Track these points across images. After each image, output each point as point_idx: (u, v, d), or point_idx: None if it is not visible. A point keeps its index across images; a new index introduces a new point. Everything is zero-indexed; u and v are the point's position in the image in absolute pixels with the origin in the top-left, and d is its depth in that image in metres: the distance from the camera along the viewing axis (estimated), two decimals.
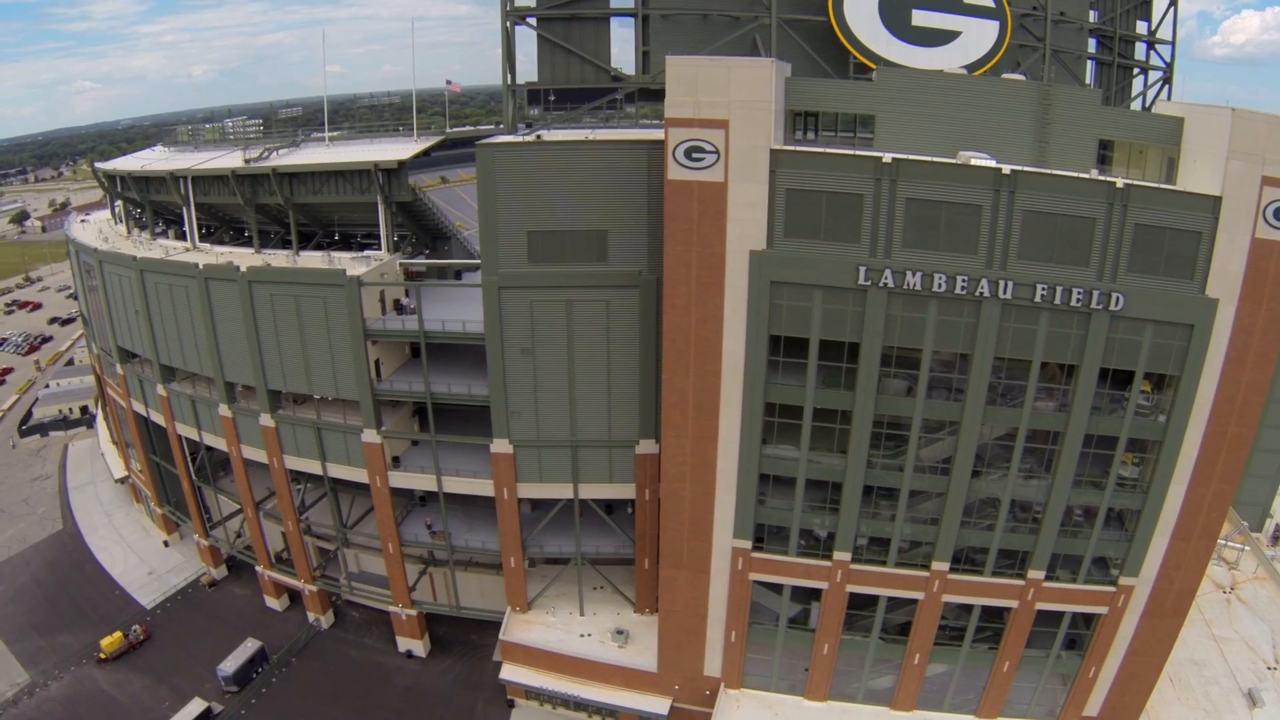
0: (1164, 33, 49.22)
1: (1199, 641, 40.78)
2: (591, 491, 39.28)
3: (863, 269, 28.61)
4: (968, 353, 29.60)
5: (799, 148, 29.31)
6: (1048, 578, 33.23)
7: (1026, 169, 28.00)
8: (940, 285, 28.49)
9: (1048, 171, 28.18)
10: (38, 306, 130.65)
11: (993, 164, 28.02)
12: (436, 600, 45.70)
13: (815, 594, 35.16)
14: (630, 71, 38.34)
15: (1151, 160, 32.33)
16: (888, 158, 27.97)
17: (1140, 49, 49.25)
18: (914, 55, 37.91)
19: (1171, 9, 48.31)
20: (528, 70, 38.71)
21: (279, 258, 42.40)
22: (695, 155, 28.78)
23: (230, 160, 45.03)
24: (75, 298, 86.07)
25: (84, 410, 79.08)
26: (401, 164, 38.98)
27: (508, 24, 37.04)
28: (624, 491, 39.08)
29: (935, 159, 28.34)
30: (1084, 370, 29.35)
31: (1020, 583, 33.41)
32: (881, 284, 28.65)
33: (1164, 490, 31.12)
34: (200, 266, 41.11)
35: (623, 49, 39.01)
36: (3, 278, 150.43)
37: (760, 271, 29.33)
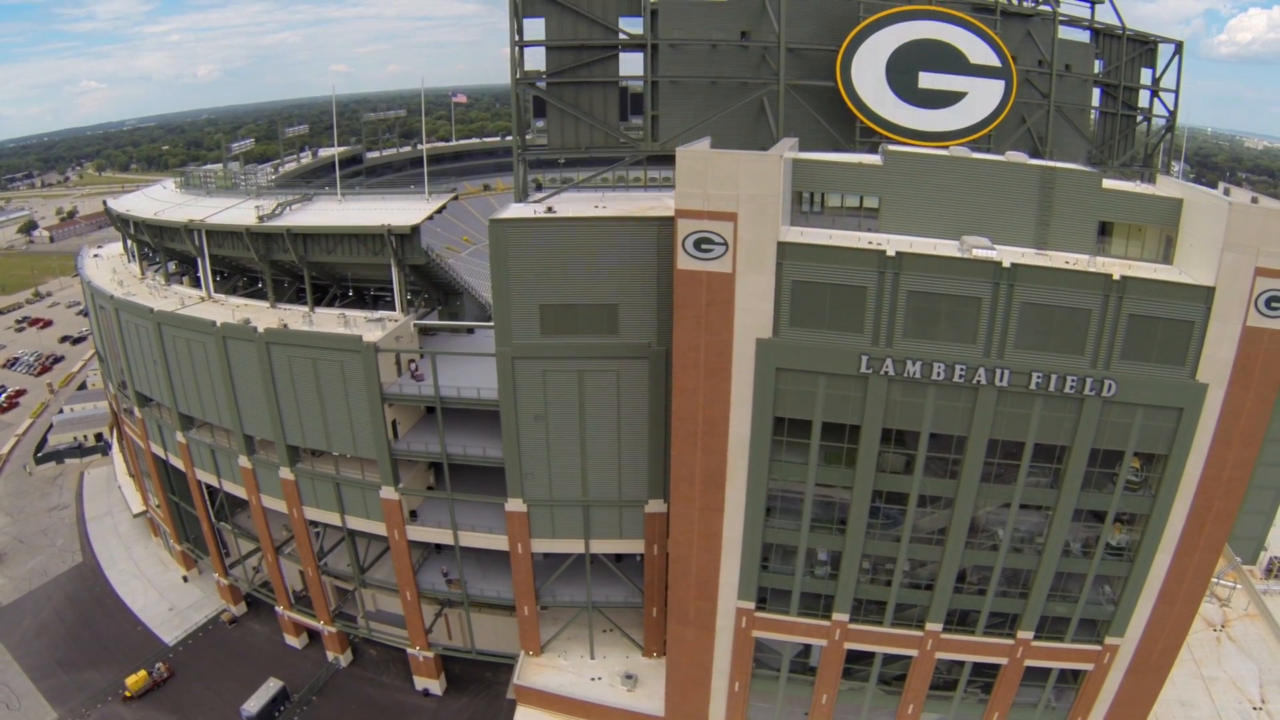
0: (1168, 80, 49.51)
1: (1187, 681, 42.18)
2: (602, 547, 40.74)
3: (865, 358, 29.65)
4: (964, 435, 30.76)
5: (805, 237, 30.08)
6: (1036, 637, 34.80)
7: (1026, 261, 28.86)
8: (939, 373, 29.57)
9: (1046, 265, 29.04)
10: (48, 324, 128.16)
11: (994, 255, 28.89)
12: (452, 640, 47.37)
13: None
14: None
15: (1150, 236, 33.06)
16: (891, 251, 28.85)
17: (1144, 96, 49.56)
18: (920, 118, 38.34)
19: (1176, 57, 48.60)
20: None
21: (294, 314, 43.30)
22: (704, 246, 29.66)
23: (243, 212, 45.73)
24: (86, 314, 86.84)
25: (99, 437, 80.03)
26: (414, 229, 39.79)
27: (518, 90, 37.59)
28: (633, 547, 40.54)
29: (937, 252, 29.15)
30: (1075, 451, 30.55)
31: (1010, 642, 34.96)
32: (882, 372, 29.74)
33: (1150, 559, 32.49)
34: (218, 324, 42.02)
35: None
36: (12, 292, 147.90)
37: (766, 359, 30.36)
